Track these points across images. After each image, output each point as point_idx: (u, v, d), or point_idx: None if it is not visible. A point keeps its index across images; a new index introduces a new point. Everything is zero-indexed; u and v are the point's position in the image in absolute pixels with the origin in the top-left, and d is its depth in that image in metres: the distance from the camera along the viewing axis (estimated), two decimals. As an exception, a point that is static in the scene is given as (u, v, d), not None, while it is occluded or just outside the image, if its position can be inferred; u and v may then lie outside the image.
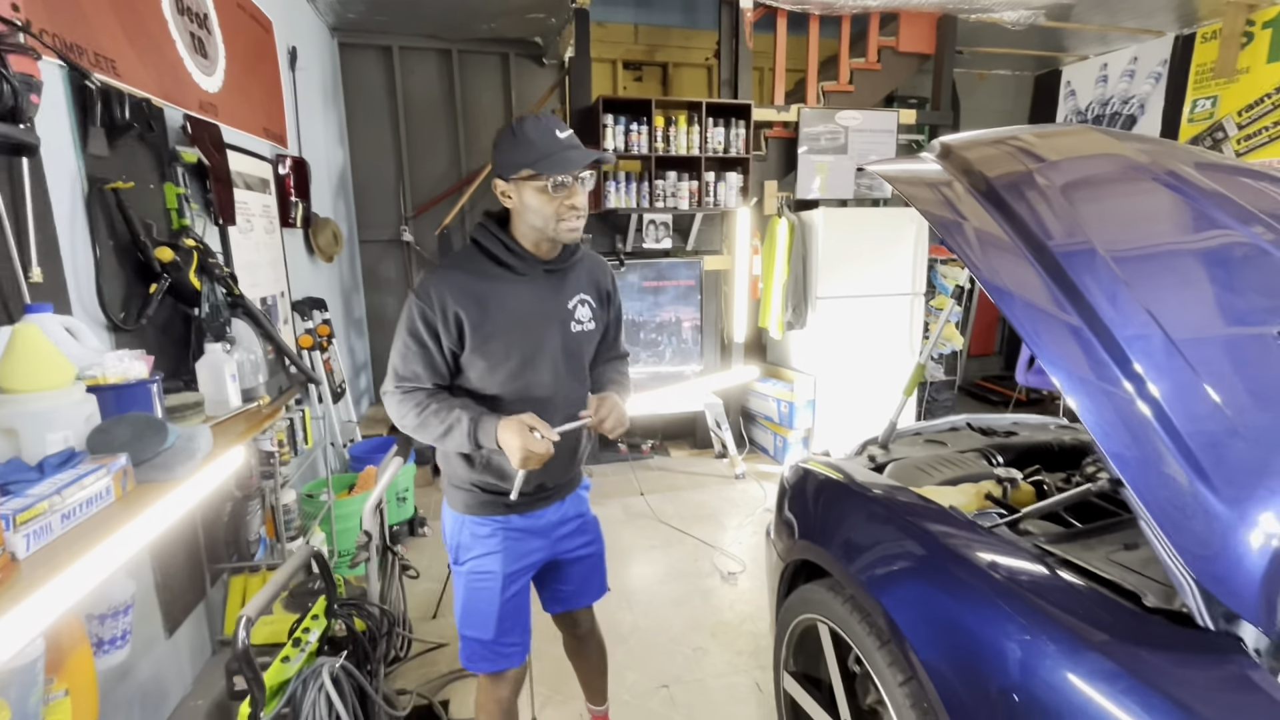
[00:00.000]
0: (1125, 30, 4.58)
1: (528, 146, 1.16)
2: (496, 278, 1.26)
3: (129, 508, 0.98)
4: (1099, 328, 1.07)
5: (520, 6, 3.77)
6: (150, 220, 1.78)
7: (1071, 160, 1.47)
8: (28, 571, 0.78)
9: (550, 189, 1.17)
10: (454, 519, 1.41)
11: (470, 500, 1.37)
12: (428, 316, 1.21)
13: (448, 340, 1.23)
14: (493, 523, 1.38)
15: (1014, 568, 1.09)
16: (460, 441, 1.21)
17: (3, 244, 1.28)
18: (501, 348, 1.25)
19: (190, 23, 2.13)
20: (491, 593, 1.38)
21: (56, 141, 1.47)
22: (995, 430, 2.10)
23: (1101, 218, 1.27)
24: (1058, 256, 1.18)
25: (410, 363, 1.25)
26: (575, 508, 1.50)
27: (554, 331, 1.31)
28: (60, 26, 1.48)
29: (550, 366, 1.31)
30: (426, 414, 1.22)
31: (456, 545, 1.40)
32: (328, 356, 3.21)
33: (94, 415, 1.07)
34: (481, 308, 1.22)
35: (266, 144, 2.82)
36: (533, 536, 1.42)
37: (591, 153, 1.19)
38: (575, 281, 1.36)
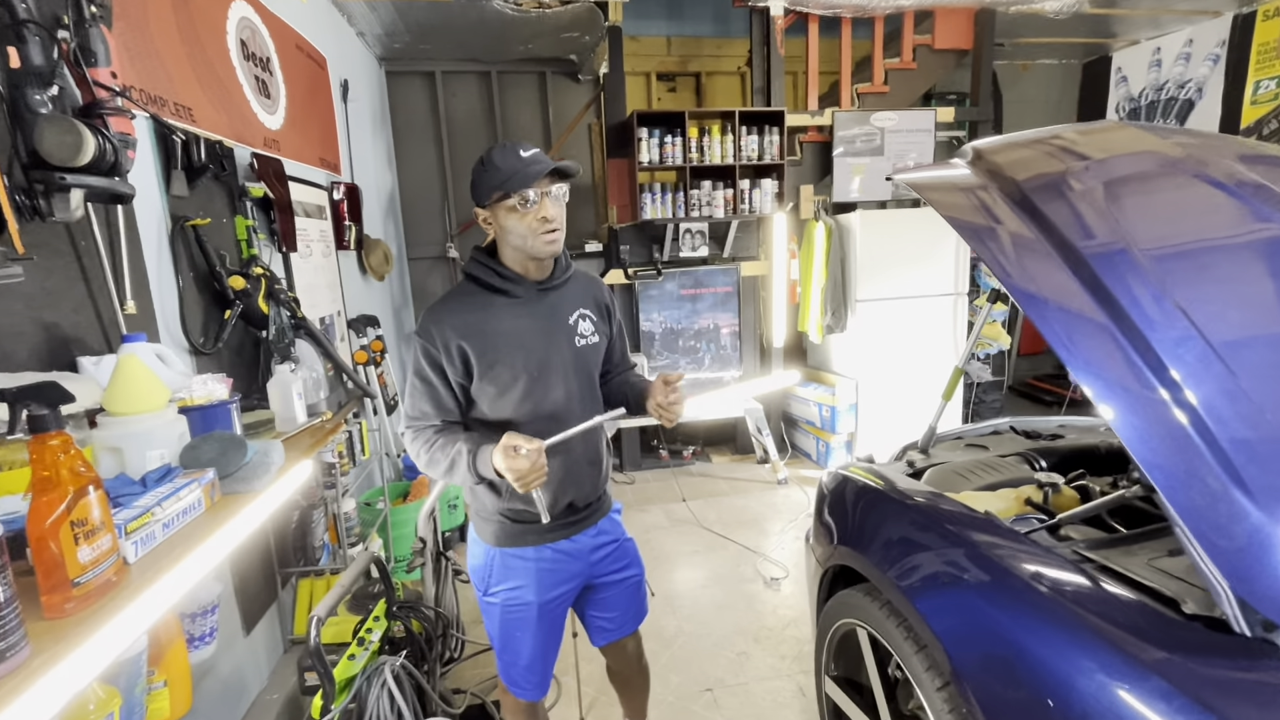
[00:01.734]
0: (1178, 12, 4.39)
1: (494, 171, 1.20)
2: (493, 305, 1.28)
3: (217, 517, 1.09)
4: (1131, 331, 1.07)
5: (555, 26, 3.89)
6: (224, 251, 1.95)
7: (1104, 160, 1.45)
8: (137, 575, 0.89)
9: (519, 206, 1.20)
10: (484, 551, 1.39)
11: (500, 532, 1.36)
12: (431, 354, 1.24)
13: (454, 374, 1.25)
14: (527, 553, 1.36)
15: (1049, 574, 1.09)
16: (464, 475, 1.21)
17: (103, 281, 1.44)
18: (507, 371, 1.26)
19: (255, 67, 2.31)
20: (528, 621, 1.37)
21: (144, 186, 1.63)
22: (1040, 433, 2.07)
23: (1134, 217, 1.25)
24: (1088, 259, 1.18)
25: (418, 401, 1.28)
26: (610, 531, 1.48)
27: (559, 347, 1.32)
28: (146, 82, 1.65)
29: (561, 382, 1.32)
30: (434, 450, 1.24)
31: (487, 576, 1.38)
32: (381, 371, 3.38)
33: (185, 434, 1.20)
34: (483, 336, 1.24)
35: (322, 173, 3.01)
36: (570, 561, 1.40)
37: (550, 162, 1.20)
38: (572, 297, 1.37)
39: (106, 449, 1.10)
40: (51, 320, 1.30)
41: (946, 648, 1.14)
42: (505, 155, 1.21)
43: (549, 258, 1.28)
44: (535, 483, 1.14)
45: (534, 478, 1.13)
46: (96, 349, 1.40)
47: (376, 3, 3.44)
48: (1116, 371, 1.08)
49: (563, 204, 1.26)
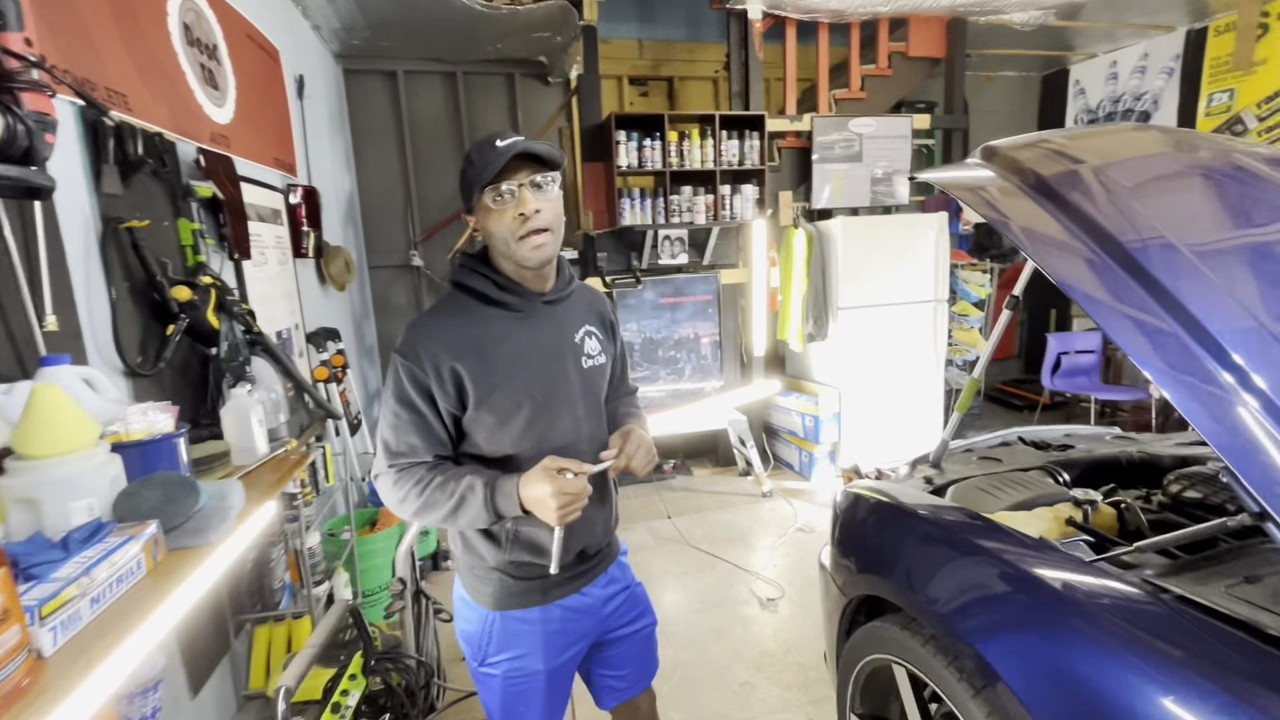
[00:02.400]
0: (1134, 27, 4.53)
1: (471, 168, 1.04)
2: (491, 319, 1.09)
3: (162, 581, 0.89)
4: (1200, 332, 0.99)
5: (526, 25, 3.72)
6: (165, 259, 1.71)
7: (1135, 158, 1.40)
8: (56, 672, 0.69)
9: (493, 202, 1.03)
10: (478, 616, 1.17)
11: (501, 592, 1.15)
12: (418, 378, 1.03)
13: (445, 402, 1.05)
14: (532, 615, 1.16)
15: (1133, 609, 0.99)
16: (476, 514, 1.02)
17: (16, 293, 1.21)
18: (509, 398, 1.07)
19: (200, 54, 2.07)
20: (534, 693, 1.18)
21: (68, 181, 1.40)
22: (1050, 443, 2.01)
23: (1172, 212, 1.20)
24: (1135, 254, 1.11)
25: (404, 434, 1.06)
26: (622, 578, 1.31)
27: (564, 369, 1.14)
28: (71, 61, 1.41)
29: (569, 410, 1.14)
30: (430, 490, 1.03)
31: (485, 645, 1.17)
32: (343, 388, 3.13)
33: (119, 477, 0.98)
34: (480, 356, 1.05)
35: (277, 174, 2.76)
36: (580, 619, 1.21)
37: (517, 144, 1.00)
38: (576, 312, 1.21)
39: (17, 501, 0.88)
40: (-52, 341, 1.07)
41: (1019, 695, 1.02)
42: (481, 149, 1.03)
43: (539, 264, 1.07)
44: (574, 515, 0.99)
45: (578, 507, 0.99)
46: (7, 374, 1.17)
47: (335, -7, 3.21)
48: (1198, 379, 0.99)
49: (551, 197, 1.06)
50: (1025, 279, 1.76)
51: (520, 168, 1.02)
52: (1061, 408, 5.18)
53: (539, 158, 1.03)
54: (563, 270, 1.18)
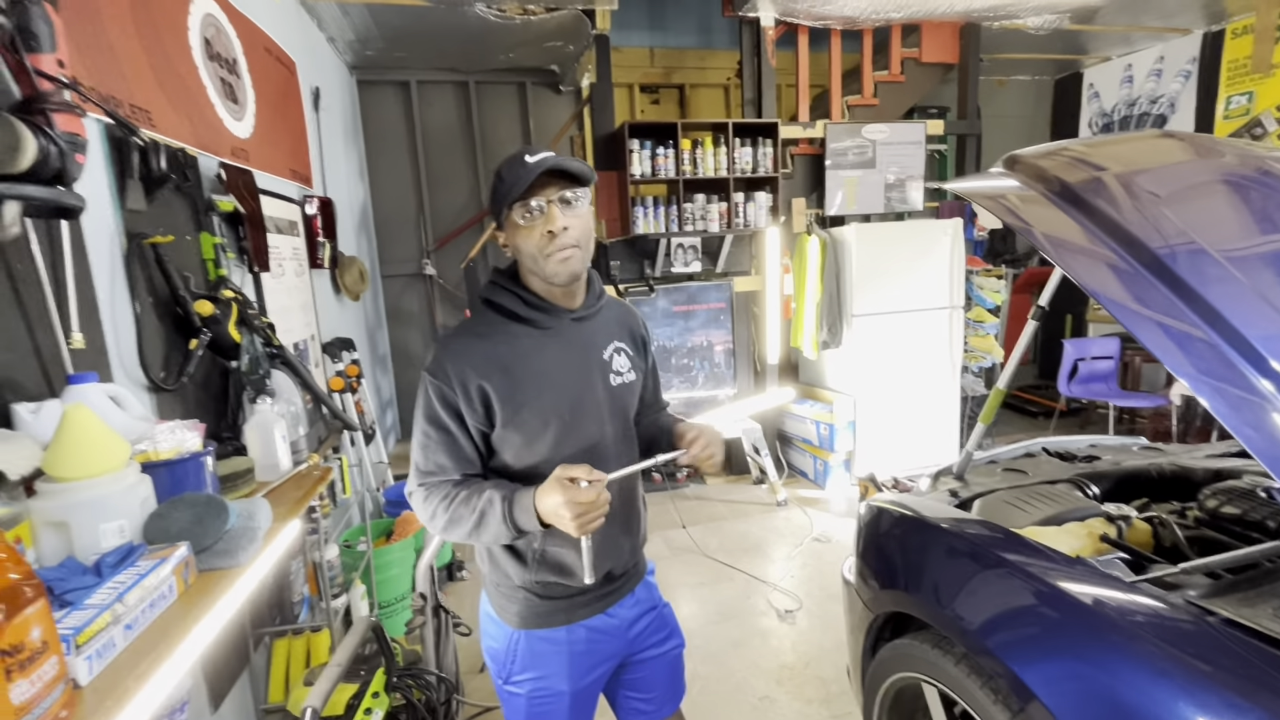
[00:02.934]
0: (1149, 30, 4.50)
1: (501, 184, 1.03)
2: (519, 336, 1.08)
3: (193, 605, 0.88)
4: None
5: (539, 35, 3.74)
6: (188, 273, 1.71)
7: (1159, 165, 1.39)
8: (92, 702, 0.68)
9: (522, 219, 1.02)
10: (504, 634, 1.17)
11: (527, 611, 1.14)
12: (447, 397, 1.03)
13: (474, 420, 1.05)
14: (558, 634, 1.15)
15: (1179, 632, 0.96)
16: (497, 528, 1.00)
17: (44, 311, 1.21)
18: (536, 416, 1.06)
19: (220, 68, 2.09)
20: (557, 716, 1.17)
21: (94, 197, 1.40)
22: (1074, 455, 1.98)
23: (1201, 217, 1.19)
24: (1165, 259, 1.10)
25: (433, 454, 1.06)
26: (649, 598, 1.28)
27: (592, 386, 1.13)
28: (97, 78, 1.42)
29: (597, 428, 1.13)
30: (455, 505, 1.03)
31: (509, 663, 1.16)
32: (358, 398, 3.13)
33: (149, 498, 0.98)
34: (507, 375, 1.05)
35: (294, 186, 2.77)
36: (606, 640, 1.20)
37: (547, 159, 1.00)
38: (605, 329, 1.19)
39: (49, 524, 0.88)
40: (-22, 360, 1.07)
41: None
42: (511, 165, 1.02)
43: (566, 281, 1.06)
44: (595, 524, 0.95)
45: (596, 515, 0.95)
46: (35, 393, 1.17)
47: (349, 5, 3.23)
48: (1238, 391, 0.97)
49: (580, 214, 1.05)
50: (1051, 288, 1.73)
51: (550, 183, 1.02)
52: (1078, 414, 5.12)
53: (569, 173, 1.02)
54: (593, 286, 1.17)
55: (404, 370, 4.68)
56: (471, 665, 2.44)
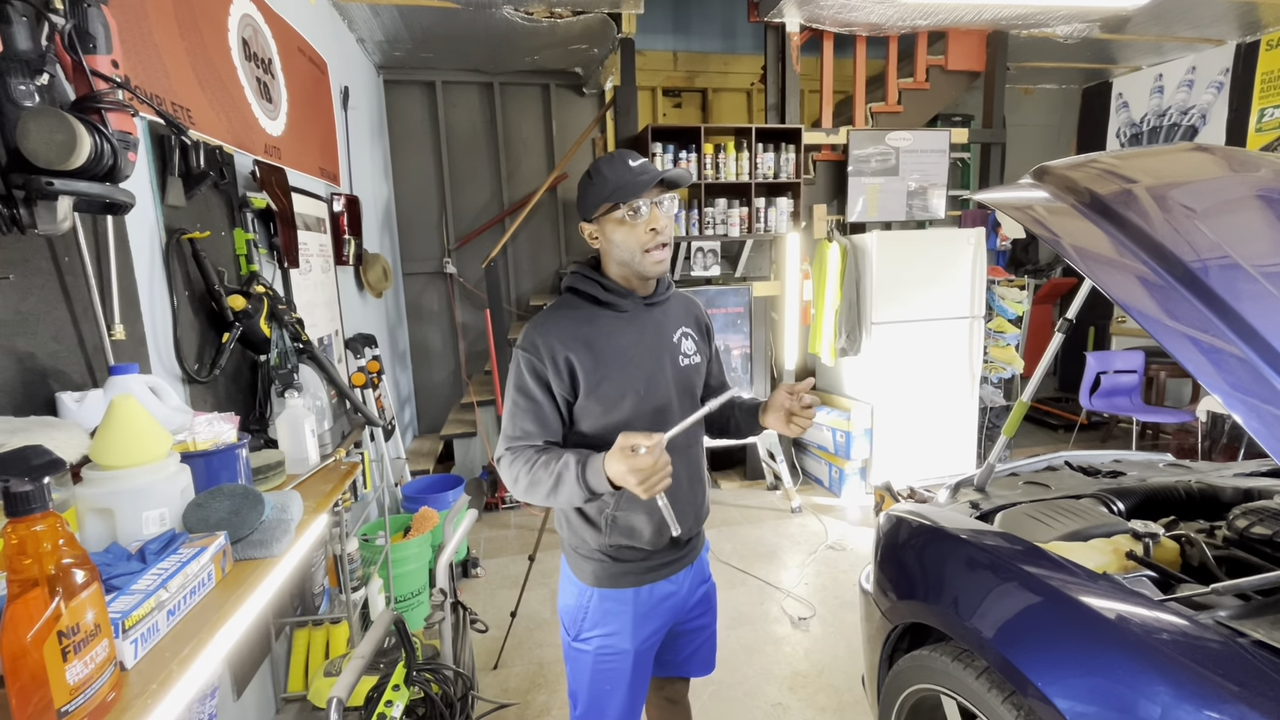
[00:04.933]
0: (1181, 40, 4.43)
1: (603, 183, 1.15)
2: (599, 318, 1.21)
3: (230, 592, 0.90)
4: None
5: (565, 37, 3.77)
6: (222, 268, 1.75)
7: (1192, 178, 1.37)
8: (137, 685, 0.70)
9: (627, 217, 1.14)
10: (578, 590, 1.29)
11: (601, 571, 1.26)
12: (537, 368, 1.16)
13: (560, 389, 1.17)
14: (625, 595, 1.26)
15: (1209, 653, 0.95)
16: (572, 490, 1.08)
17: (88, 303, 1.25)
18: (615, 388, 1.18)
19: (256, 68, 2.13)
20: (621, 674, 1.27)
21: (138, 194, 1.43)
22: (1098, 469, 1.95)
23: (1234, 231, 1.18)
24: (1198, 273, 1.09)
25: (520, 420, 1.17)
26: (703, 572, 1.41)
27: (663, 365, 1.24)
28: (142, 77, 1.46)
29: (666, 403, 1.24)
30: (536, 468, 1.12)
31: (580, 619, 1.28)
32: (379, 394, 3.17)
33: (188, 488, 1.01)
34: (591, 350, 1.17)
35: (322, 183, 2.82)
36: (668, 604, 1.31)
37: (659, 171, 1.15)
38: (675, 315, 1.31)
39: (94, 511, 0.90)
40: (26, 350, 1.11)
41: (1086, 740, 0.99)
42: (614, 166, 1.15)
43: (658, 274, 1.20)
44: (661, 485, 1.00)
45: (659, 478, 1.00)
46: (79, 382, 1.21)
47: (380, 7, 3.28)
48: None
49: (671, 215, 1.19)
50: (1080, 301, 1.71)
51: (651, 188, 1.14)
52: (1099, 428, 5.05)
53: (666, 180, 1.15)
54: (662, 277, 1.28)
55: (423, 367, 4.72)
56: (486, 662, 2.47)
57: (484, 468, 4.06)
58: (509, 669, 2.43)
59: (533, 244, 4.79)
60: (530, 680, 2.36)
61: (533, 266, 4.84)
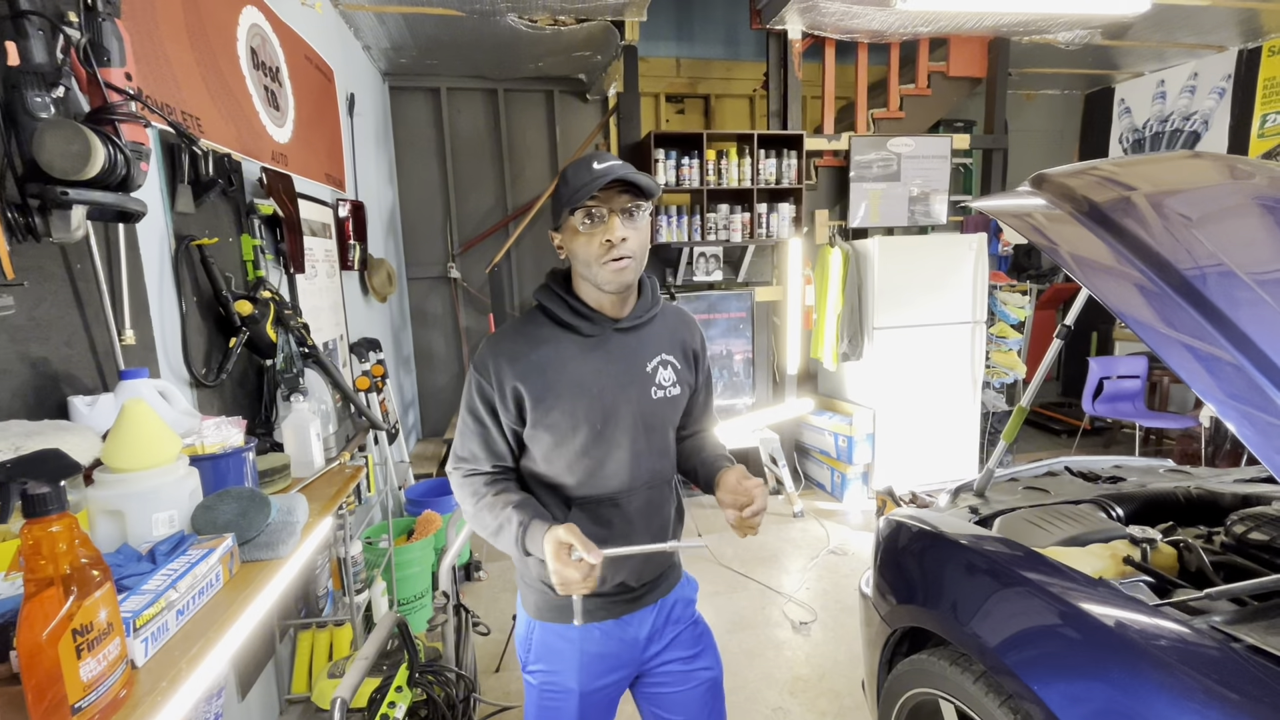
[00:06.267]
0: (1183, 46, 4.44)
1: (565, 187, 1.03)
2: (560, 341, 1.09)
3: (237, 593, 0.92)
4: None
5: (569, 44, 3.80)
6: (229, 273, 1.78)
7: (1190, 186, 1.38)
8: (147, 683, 0.72)
9: (582, 226, 1.02)
10: (525, 620, 1.22)
11: (542, 603, 1.17)
12: (485, 391, 1.08)
13: (507, 418, 1.08)
14: (570, 631, 1.15)
15: (1203, 658, 0.96)
16: (509, 545, 1.04)
17: (100, 308, 1.27)
18: (567, 420, 1.07)
19: (264, 76, 2.16)
20: (565, 713, 1.16)
21: (148, 201, 1.46)
22: (1098, 475, 1.96)
23: (1231, 239, 1.19)
24: (1194, 281, 1.10)
25: (467, 441, 1.12)
26: (679, 613, 1.24)
27: (629, 399, 1.11)
28: (153, 87, 1.49)
29: (628, 440, 1.12)
30: (481, 507, 1.07)
31: (527, 650, 1.21)
32: (383, 397, 3.20)
33: (197, 491, 1.03)
34: (543, 377, 1.07)
35: (328, 189, 2.85)
36: (621, 648, 1.18)
37: (615, 169, 0.99)
38: (655, 340, 1.17)
39: (105, 512, 0.92)
40: (40, 355, 1.13)
41: (1081, 743, 1.00)
42: (578, 169, 1.02)
43: (618, 290, 1.07)
44: (581, 590, 0.95)
45: (580, 587, 0.94)
46: (90, 386, 1.23)
47: (386, 15, 3.32)
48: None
49: (640, 226, 1.05)
50: (1078, 308, 1.73)
51: (615, 193, 1.02)
52: (1102, 433, 5.04)
53: (634, 185, 1.02)
54: (644, 294, 1.16)
55: (427, 371, 4.75)
56: (488, 665, 2.48)
57: (487, 471, 4.07)
58: (511, 672, 2.44)
59: (536, 249, 4.82)
60: (532, 683, 2.37)
61: (536, 271, 4.86)
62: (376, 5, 3.17)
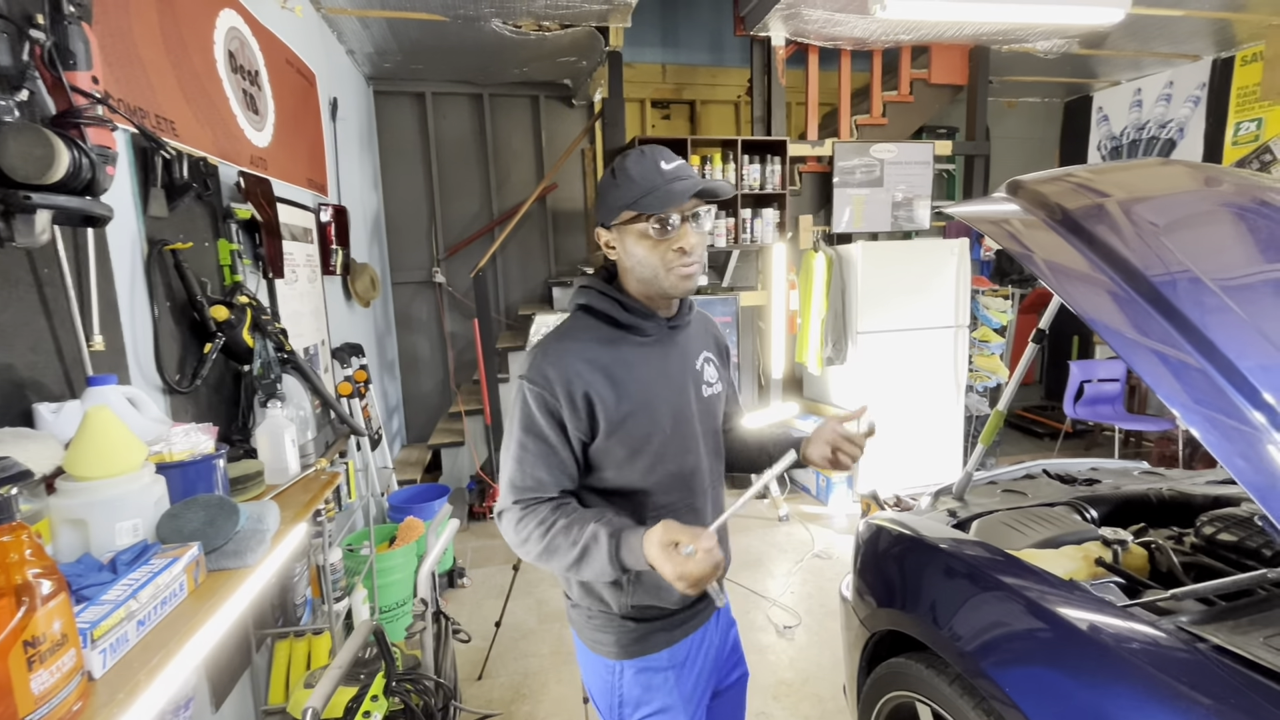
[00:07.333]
0: (1159, 55, 4.52)
1: (628, 185, 0.96)
2: (620, 343, 1.03)
3: (202, 603, 0.91)
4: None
5: (554, 50, 3.81)
6: (205, 278, 1.76)
7: (1161, 193, 1.41)
8: (104, 695, 0.71)
9: (653, 231, 0.96)
10: (607, 670, 1.08)
11: (626, 639, 1.06)
12: (548, 404, 0.97)
13: (576, 429, 0.98)
14: (659, 660, 1.07)
15: (1169, 658, 0.97)
16: (602, 568, 0.92)
17: (67, 314, 1.25)
18: (642, 426, 1.01)
19: (243, 80, 2.15)
20: None
21: (119, 205, 1.45)
22: (1074, 477, 1.98)
23: (1199, 246, 1.21)
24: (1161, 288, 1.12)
25: (530, 467, 0.98)
26: (728, 613, 1.24)
27: (690, 397, 1.08)
28: (125, 91, 1.48)
29: (694, 441, 1.07)
30: (554, 534, 0.95)
31: (617, 703, 1.08)
32: (365, 403, 3.17)
33: (163, 498, 1.01)
34: (612, 381, 0.99)
35: (309, 194, 2.83)
36: (705, 659, 1.14)
37: (699, 181, 0.95)
38: (698, 338, 1.15)
39: (67, 521, 0.91)
40: (4, 361, 1.11)
41: (1050, 743, 1.01)
42: (643, 166, 0.96)
43: (685, 294, 1.03)
44: (710, 582, 0.86)
45: (713, 579, 0.86)
46: (57, 393, 1.21)
47: (369, 19, 3.31)
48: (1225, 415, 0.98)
49: (705, 230, 1.01)
50: (1051, 313, 1.75)
51: (688, 198, 0.96)
52: (1083, 436, 5.10)
53: (706, 191, 0.97)
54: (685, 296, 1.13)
55: (411, 376, 4.72)
56: (470, 673, 2.46)
57: (471, 477, 4.05)
58: (493, 679, 2.42)
59: (522, 254, 4.81)
60: (514, 691, 2.35)
61: (522, 276, 4.86)
62: (360, 9, 3.16)
